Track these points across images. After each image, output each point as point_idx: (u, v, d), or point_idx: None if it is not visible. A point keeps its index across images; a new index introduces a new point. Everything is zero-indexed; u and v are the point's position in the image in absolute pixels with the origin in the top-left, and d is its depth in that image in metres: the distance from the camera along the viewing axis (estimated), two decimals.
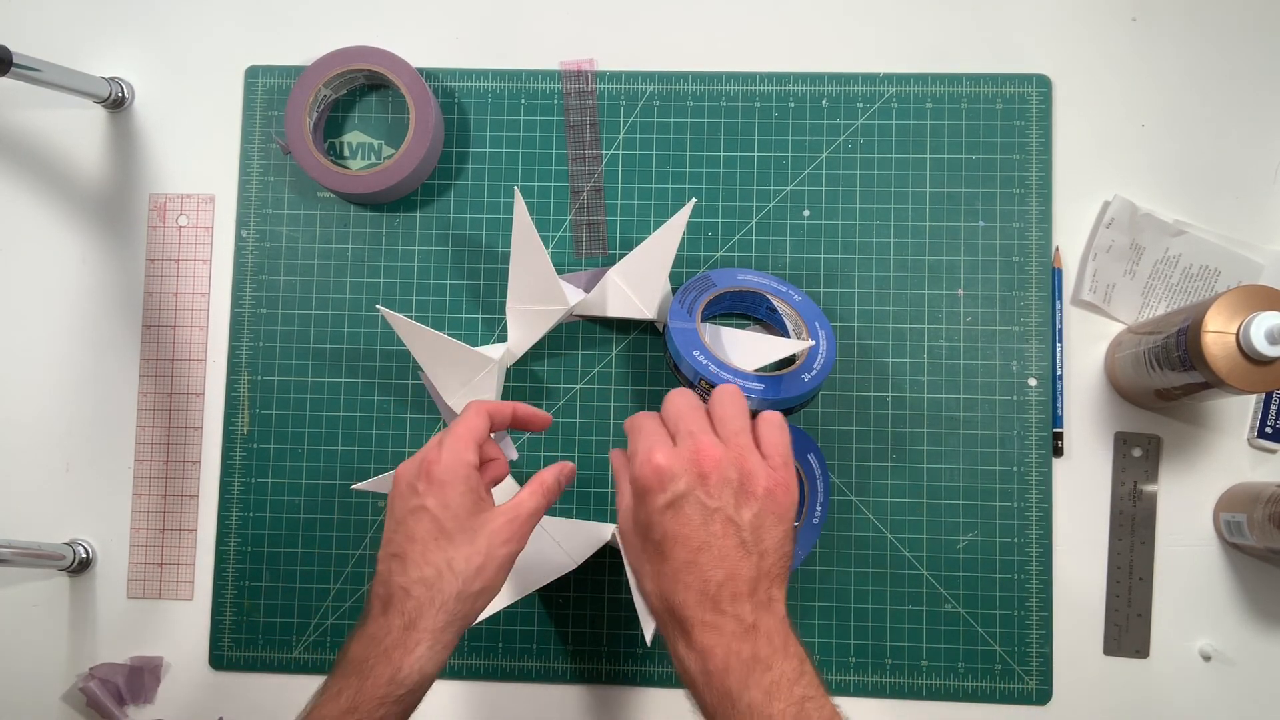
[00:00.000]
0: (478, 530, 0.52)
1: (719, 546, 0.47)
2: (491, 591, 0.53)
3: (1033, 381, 0.69)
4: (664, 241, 0.66)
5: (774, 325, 0.69)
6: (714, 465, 0.48)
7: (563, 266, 0.72)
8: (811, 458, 0.65)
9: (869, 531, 0.69)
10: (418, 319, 0.69)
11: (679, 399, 0.52)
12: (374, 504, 0.70)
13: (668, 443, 0.50)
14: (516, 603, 0.67)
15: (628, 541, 0.52)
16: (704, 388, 0.63)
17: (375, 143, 0.73)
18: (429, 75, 0.73)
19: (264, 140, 0.74)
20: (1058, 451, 0.69)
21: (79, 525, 0.72)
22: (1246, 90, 0.71)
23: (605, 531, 0.67)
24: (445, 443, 0.54)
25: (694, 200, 0.67)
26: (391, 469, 0.68)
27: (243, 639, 0.70)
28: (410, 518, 0.52)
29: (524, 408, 0.59)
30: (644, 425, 0.51)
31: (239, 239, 0.73)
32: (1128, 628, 0.67)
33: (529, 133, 0.73)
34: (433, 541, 0.51)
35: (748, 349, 0.65)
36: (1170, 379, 0.62)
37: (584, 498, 0.70)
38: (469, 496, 0.52)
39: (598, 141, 0.73)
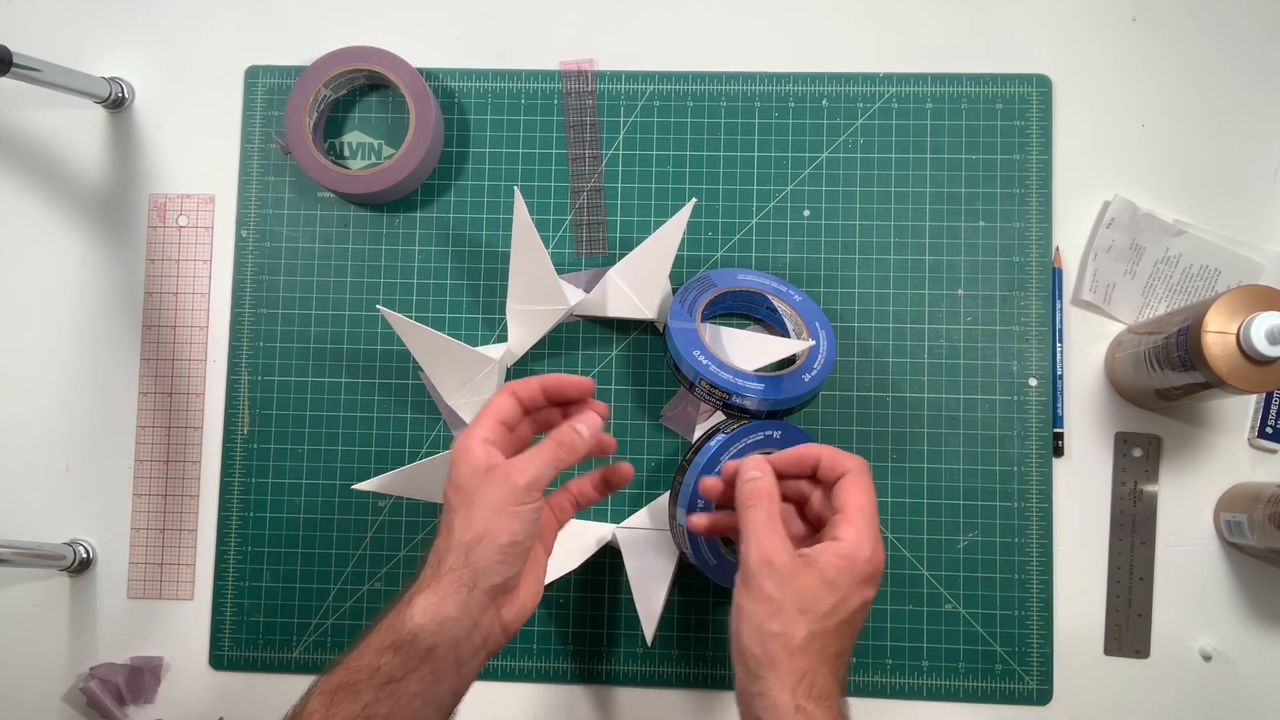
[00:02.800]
0: (476, 502, 0.51)
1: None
2: (500, 558, 0.50)
3: (1033, 381, 0.69)
4: (664, 241, 0.66)
5: (774, 325, 0.69)
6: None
7: (563, 266, 0.72)
8: None
9: None
10: (418, 319, 0.69)
11: (873, 493, 0.53)
12: (374, 504, 0.70)
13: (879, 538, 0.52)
14: None
15: (793, 586, 0.49)
16: (704, 388, 0.63)
17: (375, 143, 0.73)
18: (429, 75, 0.73)
19: (264, 140, 0.74)
20: (1058, 451, 0.69)
21: (79, 525, 0.72)
22: (1246, 90, 0.71)
23: (605, 531, 0.67)
24: (459, 446, 0.53)
25: (694, 200, 0.67)
26: (391, 469, 0.68)
27: (243, 639, 0.70)
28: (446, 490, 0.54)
29: (553, 378, 0.56)
30: (872, 503, 0.53)
31: (239, 239, 0.73)
32: (1128, 628, 0.68)
33: (529, 133, 0.73)
34: (451, 511, 0.52)
35: (748, 349, 0.65)
36: (1170, 379, 0.62)
37: None
38: (476, 474, 0.52)
39: (598, 141, 0.73)
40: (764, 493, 0.52)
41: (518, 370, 0.71)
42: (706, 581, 0.68)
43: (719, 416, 0.68)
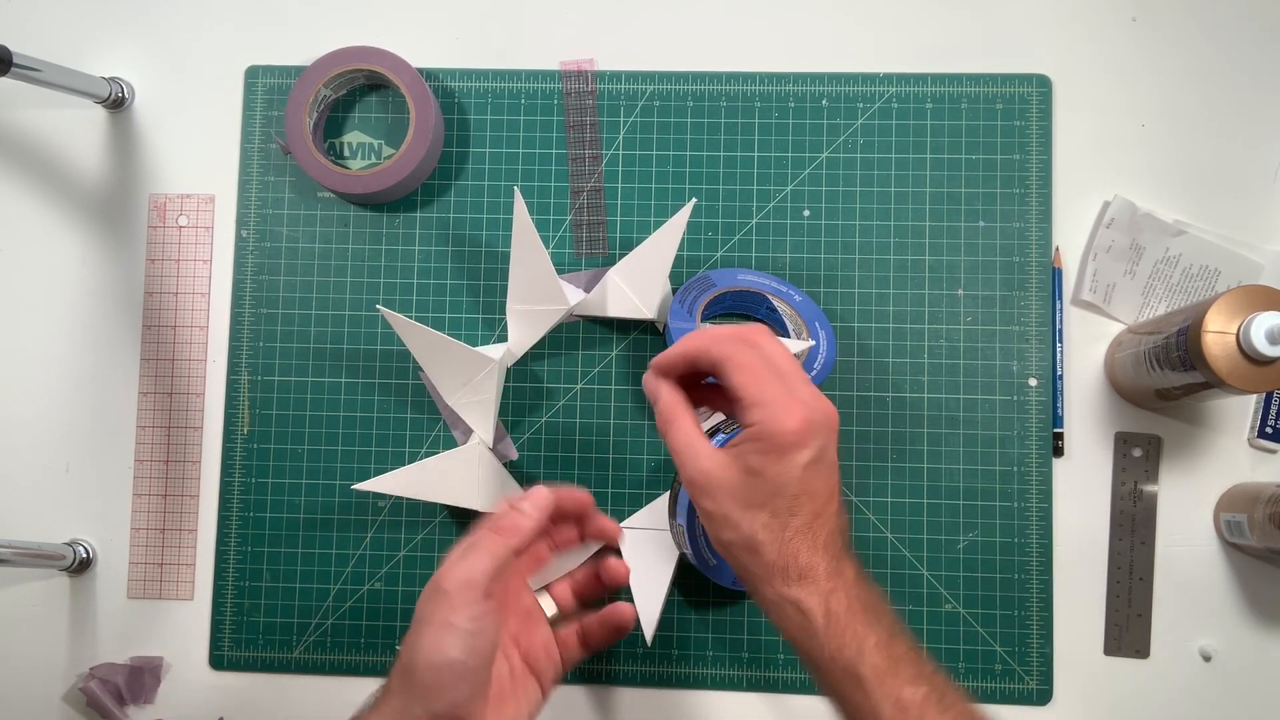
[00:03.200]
0: (419, 619, 0.48)
1: (837, 496, 0.48)
2: (434, 679, 0.46)
3: (1033, 381, 0.69)
4: (664, 241, 0.66)
5: (774, 325, 0.69)
6: (836, 418, 0.48)
7: (563, 266, 0.72)
8: None
9: (869, 531, 0.69)
10: (418, 319, 0.69)
11: (772, 343, 0.49)
12: (374, 504, 0.70)
13: (798, 393, 0.47)
14: None
15: (726, 492, 0.46)
16: None
17: (375, 143, 0.73)
18: (429, 75, 0.73)
19: (264, 140, 0.74)
20: (1058, 451, 0.69)
21: (79, 525, 0.72)
22: (1246, 90, 0.71)
23: None
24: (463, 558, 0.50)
25: (694, 200, 0.67)
26: (391, 469, 0.68)
27: (243, 639, 0.70)
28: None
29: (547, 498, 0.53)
30: (766, 371, 0.47)
31: (239, 239, 0.73)
32: (1128, 628, 0.68)
33: (529, 133, 0.73)
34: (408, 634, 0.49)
35: None
36: (1170, 379, 0.62)
37: None
38: (428, 591, 0.49)
39: (598, 141, 0.73)
40: (668, 413, 0.49)
41: (517, 370, 0.71)
42: (706, 581, 0.68)
43: (719, 416, 0.68)
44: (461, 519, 0.70)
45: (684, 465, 0.48)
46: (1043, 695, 0.67)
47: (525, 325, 0.68)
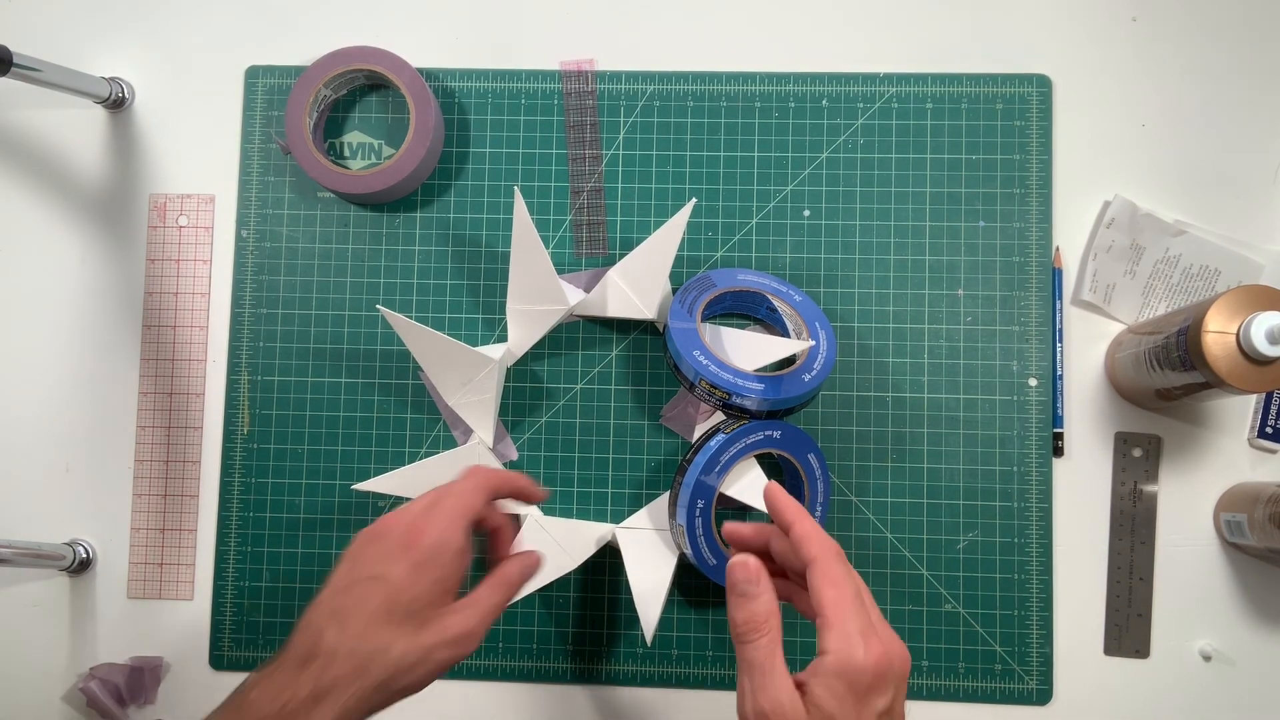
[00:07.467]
0: (428, 624, 0.49)
1: None
2: (415, 689, 0.49)
3: (1033, 381, 0.69)
4: (664, 241, 0.66)
5: (774, 325, 0.69)
6: (909, 663, 0.45)
7: (563, 266, 0.72)
8: (812, 458, 0.65)
9: (869, 531, 0.69)
10: (418, 319, 0.69)
11: (853, 575, 0.46)
12: (374, 504, 0.70)
13: (879, 630, 0.44)
14: (516, 603, 0.67)
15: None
16: (704, 388, 0.63)
17: (375, 143, 0.73)
18: (429, 75, 0.73)
19: (264, 140, 0.74)
20: (1058, 451, 0.69)
21: (79, 525, 0.72)
22: (1246, 90, 0.71)
23: (605, 531, 0.67)
24: (436, 513, 0.52)
25: (694, 200, 0.67)
26: (392, 469, 0.68)
27: (243, 639, 0.70)
28: (369, 582, 0.49)
29: (523, 480, 0.59)
30: (855, 596, 0.45)
31: (239, 239, 0.73)
32: (1128, 628, 0.68)
33: (529, 133, 0.73)
34: (382, 618, 0.48)
35: (748, 349, 0.65)
36: (1170, 379, 0.62)
37: (584, 498, 0.70)
38: (438, 585, 0.50)
39: (598, 141, 0.73)
40: (761, 623, 0.45)
41: (517, 370, 0.71)
42: (706, 581, 0.68)
43: (719, 416, 0.68)
44: None
45: (756, 687, 0.44)
46: (1043, 695, 0.67)
47: (525, 325, 0.68)
